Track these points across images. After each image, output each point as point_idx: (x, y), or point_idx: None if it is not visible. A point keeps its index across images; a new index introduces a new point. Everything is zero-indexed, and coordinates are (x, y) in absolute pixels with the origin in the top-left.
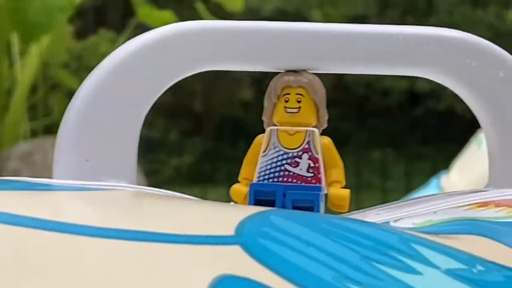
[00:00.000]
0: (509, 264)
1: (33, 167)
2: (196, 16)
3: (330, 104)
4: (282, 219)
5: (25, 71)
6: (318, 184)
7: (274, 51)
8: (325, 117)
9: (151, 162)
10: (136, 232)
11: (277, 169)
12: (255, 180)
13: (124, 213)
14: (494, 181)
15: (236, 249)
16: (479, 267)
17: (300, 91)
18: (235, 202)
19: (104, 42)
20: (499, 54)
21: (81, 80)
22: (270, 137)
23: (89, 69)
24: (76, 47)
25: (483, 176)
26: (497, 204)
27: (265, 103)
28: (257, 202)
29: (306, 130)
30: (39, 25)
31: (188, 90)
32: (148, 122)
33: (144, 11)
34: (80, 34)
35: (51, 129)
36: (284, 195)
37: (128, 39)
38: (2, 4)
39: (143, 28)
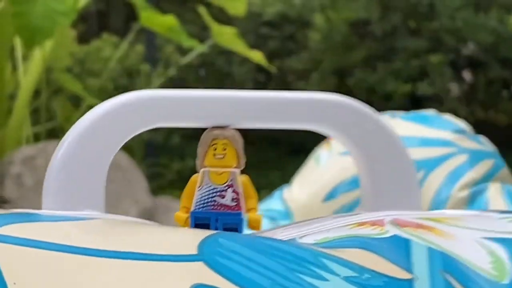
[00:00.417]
0: (386, 272)
1: (35, 171)
2: (199, 20)
3: None
4: (227, 241)
5: (28, 75)
6: (240, 211)
7: (204, 112)
8: (243, 160)
9: (153, 166)
10: (119, 252)
11: (209, 200)
12: (192, 208)
13: (106, 237)
14: (365, 206)
15: (201, 265)
16: (366, 275)
17: (225, 141)
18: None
19: (107, 46)
20: (368, 112)
21: (84, 84)
22: (203, 176)
23: (92, 73)
24: (79, 52)
25: (321, 190)
26: (372, 224)
27: (198, 151)
28: (196, 226)
29: (230, 171)
30: (42, 30)
31: None
32: None
33: (146, 16)
34: (83, 39)
35: (54, 133)
36: (216, 220)
37: (131, 43)
38: (4, 8)
39: (146, 32)
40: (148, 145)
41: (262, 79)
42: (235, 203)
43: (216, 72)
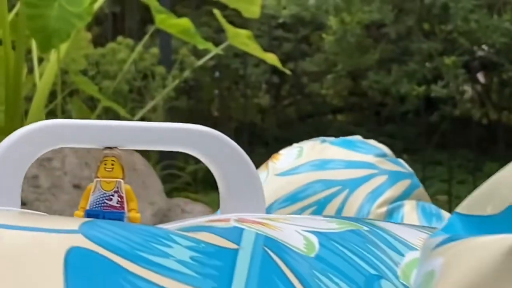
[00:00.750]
0: (219, 244)
1: (51, 172)
2: (213, 23)
3: (346, 109)
4: (103, 223)
5: (44, 77)
6: (123, 211)
7: (97, 137)
8: (125, 173)
9: (168, 168)
10: (24, 226)
11: (100, 202)
12: (87, 207)
13: (14, 219)
14: (222, 211)
15: (79, 235)
16: (203, 245)
17: (113, 158)
18: None
19: (122, 48)
20: (225, 139)
21: (99, 86)
22: (96, 185)
23: (107, 75)
24: (95, 54)
25: (273, 193)
26: (220, 220)
27: (97, 167)
28: None
29: (117, 181)
30: (58, 33)
31: (205, 95)
32: None
33: (162, 18)
34: (99, 41)
35: None
36: (103, 217)
37: (146, 45)
38: (21, 11)
39: (161, 35)
40: None
41: (276, 81)
42: (119, 205)
43: (230, 74)
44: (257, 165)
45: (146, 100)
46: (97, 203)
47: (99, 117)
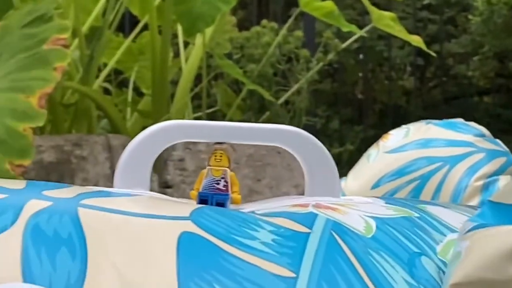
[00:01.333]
0: (295, 228)
1: (197, 156)
2: (357, 5)
3: (493, 91)
4: (209, 210)
5: (190, 61)
6: (227, 193)
7: (210, 134)
8: (231, 163)
9: None
10: (147, 214)
11: (210, 185)
12: (200, 190)
13: (141, 206)
14: (309, 193)
15: (189, 222)
16: (282, 230)
17: (221, 151)
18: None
19: (266, 32)
20: (309, 136)
21: (244, 69)
22: (208, 171)
23: (251, 58)
24: (239, 37)
25: (369, 180)
26: (301, 205)
27: (208, 157)
28: (201, 201)
29: (223, 169)
30: (203, 17)
31: (349, 78)
32: (310, 111)
33: (306, 1)
34: (243, 25)
35: (215, 119)
36: (212, 197)
37: (290, 29)
38: None
39: (305, 17)
40: (307, 130)
41: (421, 63)
42: (225, 188)
43: (375, 56)
44: None
45: (290, 83)
46: (208, 186)
47: (244, 101)
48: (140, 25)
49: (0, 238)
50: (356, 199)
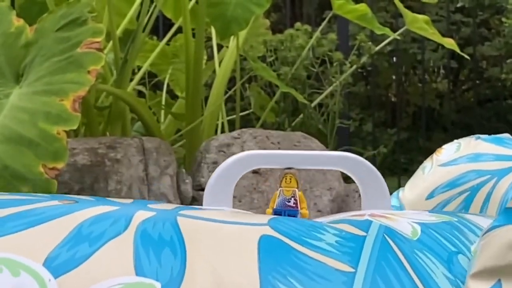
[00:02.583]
0: (355, 232)
1: None
2: (391, 8)
3: None
4: (284, 219)
5: (223, 64)
6: (297, 209)
7: (281, 161)
8: (299, 183)
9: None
10: (232, 221)
11: (282, 203)
12: (274, 207)
13: (227, 216)
14: (364, 208)
15: (268, 227)
16: (344, 233)
17: (291, 175)
18: None
19: (300, 35)
20: (364, 161)
21: (277, 72)
22: (280, 191)
23: (285, 61)
24: (273, 40)
25: (424, 191)
26: (358, 215)
27: (279, 180)
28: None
29: (293, 189)
30: (237, 20)
31: (383, 80)
32: (344, 114)
33: (339, 4)
34: (277, 28)
35: (249, 121)
36: (285, 213)
37: (324, 31)
38: None
39: (338, 20)
40: (340, 133)
41: (455, 66)
42: (295, 205)
43: (408, 59)
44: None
45: (324, 86)
46: (281, 204)
47: (277, 103)
48: (174, 28)
49: (115, 241)
50: (404, 211)
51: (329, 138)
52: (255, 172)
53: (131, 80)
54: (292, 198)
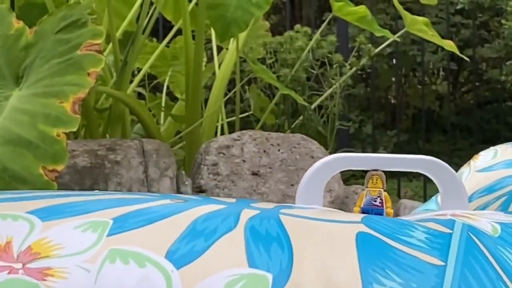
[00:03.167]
0: (441, 230)
1: (230, 160)
2: (391, 10)
3: None
4: (375, 217)
5: (223, 66)
6: (382, 208)
7: (368, 163)
8: (385, 184)
9: None
10: (327, 219)
11: (369, 202)
12: (362, 206)
13: (322, 214)
14: (443, 207)
15: (362, 225)
16: (432, 230)
17: (377, 176)
18: None
19: (300, 37)
20: (442, 163)
21: (277, 74)
22: (367, 192)
23: (284, 63)
24: (273, 42)
25: (472, 187)
26: (441, 214)
27: (365, 181)
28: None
29: (379, 189)
30: (237, 22)
31: (382, 82)
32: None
33: (339, 6)
34: (276, 30)
35: (248, 123)
36: (372, 211)
37: (323, 34)
38: (200, 1)
39: (338, 22)
40: (340, 135)
41: (454, 68)
42: (381, 204)
43: (408, 61)
44: (436, 152)
45: (324, 87)
46: (368, 203)
47: (277, 105)
48: (174, 30)
49: (228, 236)
50: (482, 211)
51: (329, 140)
52: (254, 174)
53: (131, 82)
54: (378, 198)
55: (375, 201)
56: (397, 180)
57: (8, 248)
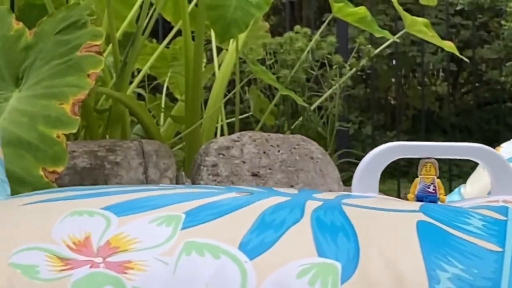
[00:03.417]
0: (495, 216)
1: (230, 161)
2: (390, 11)
3: None
4: (431, 206)
5: (223, 67)
6: (436, 195)
7: (422, 151)
8: (438, 172)
9: (345, 156)
10: (382, 208)
11: (423, 189)
12: (416, 193)
13: (381, 203)
14: (494, 193)
15: (421, 214)
16: (487, 217)
17: (430, 163)
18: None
19: (299, 37)
20: (493, 151)
21: (276, 75)
22: (420, 179)
23: (284, 64)
24: (272, 43)
25: (485, 187)
26: (493, 201)
27: (419, 168)
28: (417, 201)
29: (432, 177)
30: (236, 23)
31: (382, 83)
32: (343, 116)
33: (339, 7)
34: (276, 30)
35: (248, 124)
36: (426, 198)
37: (323, 35)
38: (200, 2)
39: (338, 23)
40: (340, 136)
41: (454, 69)
42: (434, 191)
43: (407, 62)
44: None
45: (323, 88)
46: (421, 190)
47: (276, 106)
48: (174, 31)
49: (295, 227)
50: None
51: (329, 141)
52: (254, 175)
53: (131, 83)
54: (432, 185)
55: (429, 188)
56: (396, 181)
57: (87, 243)
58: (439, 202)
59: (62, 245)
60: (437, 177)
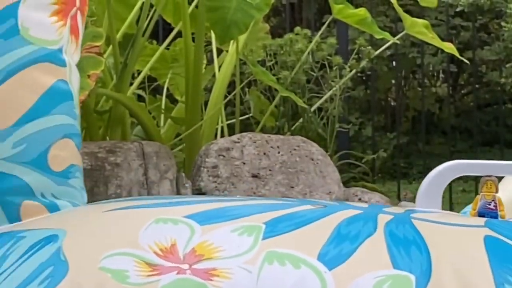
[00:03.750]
0: None
1: (230, 162)
2: (391, 12)
3: None
4: (496, 221)
5: (223, 68)
6: (497, 211)
7: (482, 170)
8: (498, 190)
9: (345, 158)
10: (453, 223)
11: (484, 206)
12: (477, 209)
13: (447, 218)
14: None
15: (487, 229)
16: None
17: (491, 181)
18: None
19: (300, 39)
20: None
21: (277, 76)
22: (481, 196)
23: (284, 65)
24: (273, 44)
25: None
26: None
27: (480, 186)
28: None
29: (493, 194)
30: (236, 24)
31: (382, 85)
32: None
33: (339, 8)
34: (276, 32)
35: (248, 126)
36: (487, 214)
37: (323, 36)
38: (200, 3)
39: (338, 25)
40: (340, 137)
41: (454, 70)
42: (495, 208)
43: (407, 63)
44: (436, 154)
45: (323, 90)
46: (483, 206)
47: (277, 107)
48: (174, 32)
49: (370, 240)
50: None
51: (329, 142)
52: (254, 176)
53: (131, 84)
54: (493, 202)
55: (490, 204)
56: (396, 182)
57: (173, 250)
58: (499, 218)
59: (149, 251)
60: (496, 193)
